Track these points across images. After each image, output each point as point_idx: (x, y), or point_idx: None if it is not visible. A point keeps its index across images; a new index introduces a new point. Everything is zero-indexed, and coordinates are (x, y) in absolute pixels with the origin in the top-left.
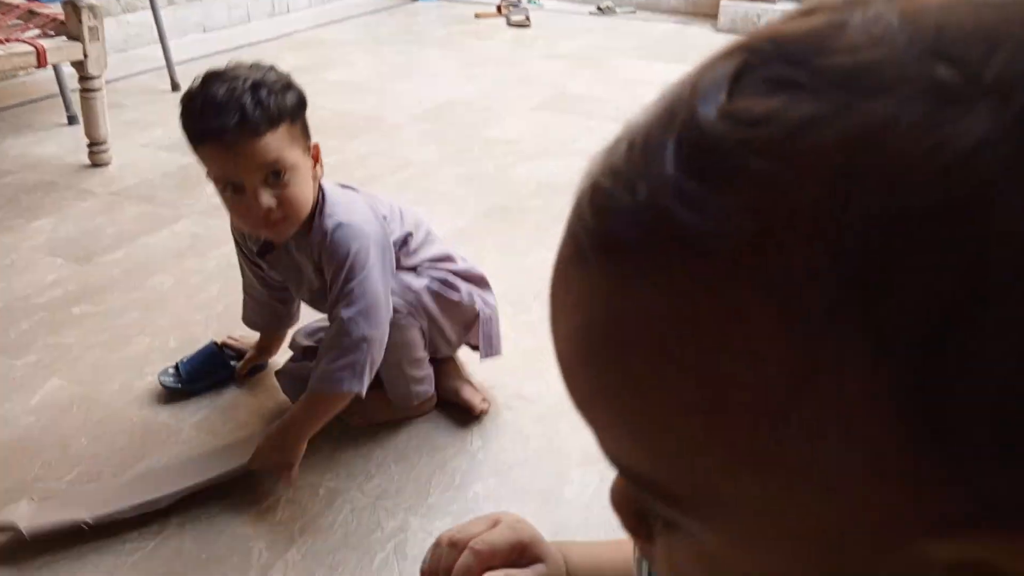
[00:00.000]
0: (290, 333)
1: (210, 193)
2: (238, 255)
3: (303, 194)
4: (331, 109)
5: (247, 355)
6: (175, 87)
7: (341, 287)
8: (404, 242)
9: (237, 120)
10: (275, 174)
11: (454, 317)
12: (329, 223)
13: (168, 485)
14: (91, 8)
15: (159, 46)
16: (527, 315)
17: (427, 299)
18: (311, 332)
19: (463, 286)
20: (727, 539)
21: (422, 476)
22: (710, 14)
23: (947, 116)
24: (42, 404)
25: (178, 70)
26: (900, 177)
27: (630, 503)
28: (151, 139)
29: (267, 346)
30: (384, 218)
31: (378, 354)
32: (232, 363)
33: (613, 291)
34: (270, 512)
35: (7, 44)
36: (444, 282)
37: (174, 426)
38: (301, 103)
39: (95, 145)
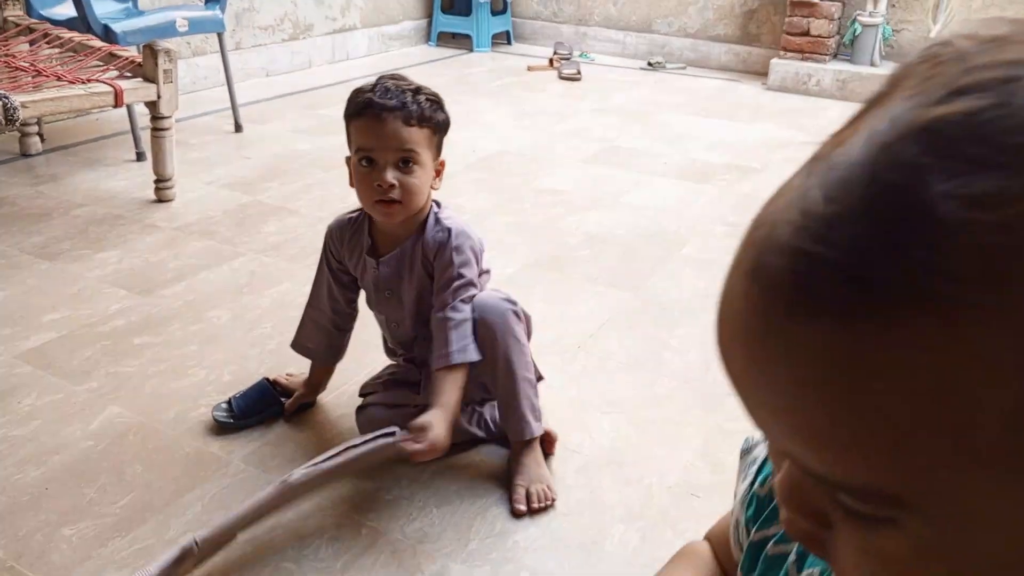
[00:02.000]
0: (343, 373)
1: (267, 232)
2: (321, 265)
3: (421, 188)
4: None
5: (296, 393)
6: (238, 128)
7: (457, 279)
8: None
9: (396, 105)
10: (405, 161)
11: None
12: (451, 224)
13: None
14: (167, 52)
15: (225, 88)
16: (572, 365)
17: None
18: (379, 376)
19: None
20: (955, 529)
21: (463, 521)
22: (760, 72)
23: None
24: (100, 430)
25: (241, 112)
26: None
27: (808, 502)
28: (214, 177)
29: (316, 384)
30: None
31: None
32: (282, 400)
33: (851, 344)
34: (313, 548)
35: (89, 84)
36: None
37: (224, 459)
38: (445, 123)
39: (161, 182)
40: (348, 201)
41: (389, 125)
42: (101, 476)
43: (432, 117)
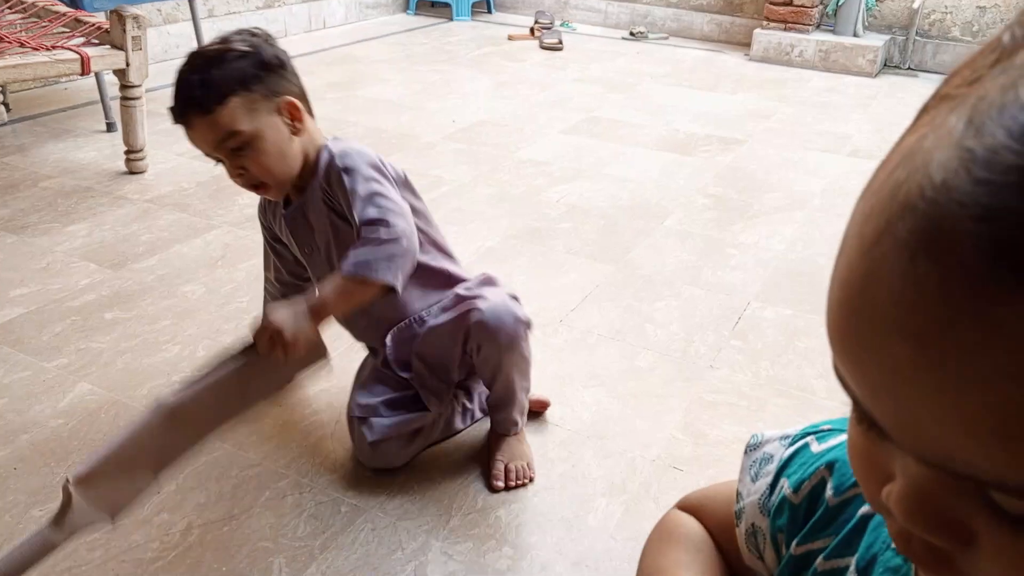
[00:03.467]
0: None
1: (242, 204)
2: (264, 237)
3: (276, 158)
4: (365, 125)
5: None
6: None
7: (362, 198)
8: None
9: (184, 104)
10: (237, 148)
11: None
12: (324, 156)
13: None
14: (136, 19)
15: None
16: (554, 338)
17: None
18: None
19: None
20: None
21: (444, 498)
22: (743, 42)
23: None
24: (71, 407)
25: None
26: None
27: (946, 514)
28: (186, 148)
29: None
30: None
31: (410, 261)
32: None
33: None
34: (291, 527)
35: (54, 51)
36: None
37: None
38: (260, 66)
39: (132, 153)
40: None
41: (196, 128)
42: (72, 455)
43: (230, 84)
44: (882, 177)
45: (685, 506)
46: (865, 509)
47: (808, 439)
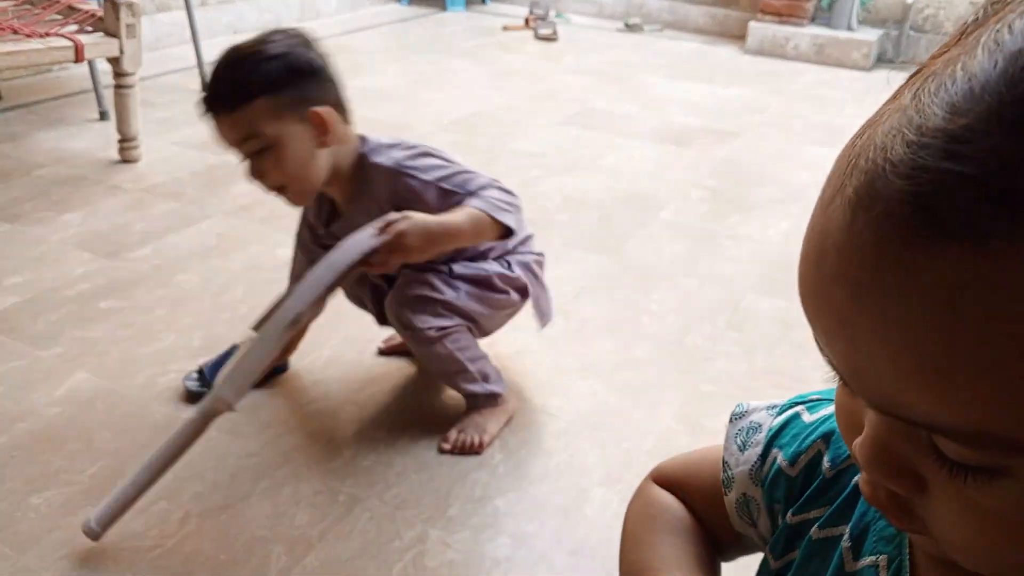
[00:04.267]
0: (317, 334)
1: (236, 194)
2: (298, 234)
3: (296, 167)
4: (359, 116)
5: None
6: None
7: (455, 183)
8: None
9: (212, 97)
10: (258, 152)
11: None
12: (384, 161)
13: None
14: (130, 6)
15: (191, 46)
16: (550, 330)
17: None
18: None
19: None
20: None
21: (442, 487)
22: (737, 35)
23: None
24: (67, 396)
25: (207, 70)
26: None
27: (900, 462)
28: (180, 138)
29: (290, 345)
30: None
31: (519, 218)
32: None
33: (988, 267)
34: (289, 516)
35: (47, 38)
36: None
37: None
38: (291, 71)
39: (126, 141)
40: None
41: (220, 119)
42: (68, 443)
43: (259, 84)
44: (847, 145)
45: (661, 479)
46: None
47: (798, 408)
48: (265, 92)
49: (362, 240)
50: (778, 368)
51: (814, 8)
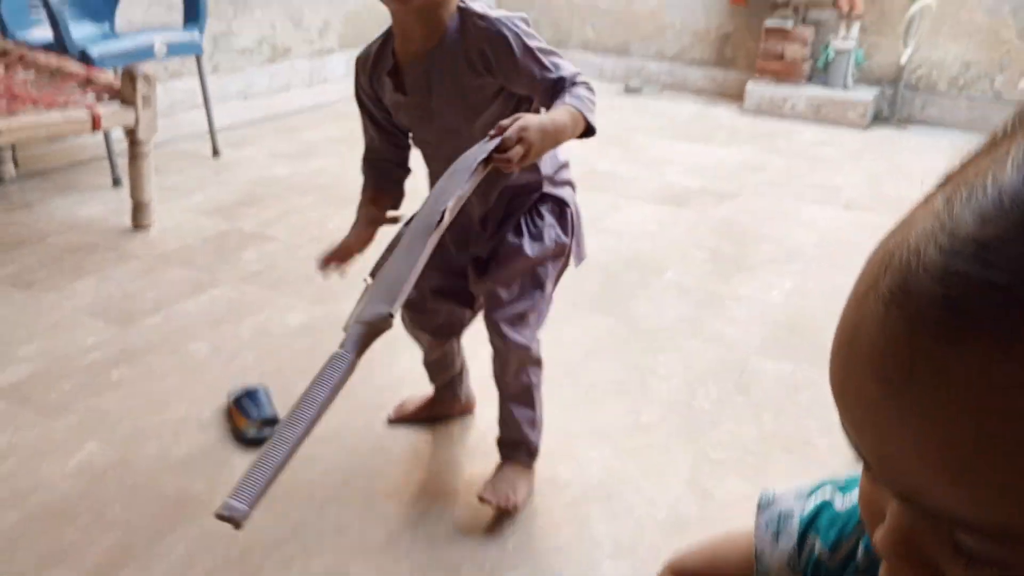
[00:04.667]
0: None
1: (246, 260)
2: (361, 108)
3: None
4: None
5: (337, 248)
6: (216, 153)
7: (544, 55)
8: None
9: None
10: None
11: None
12: (473, 19)
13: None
14: (146, 77)
15: (203, 111)
16: (558, 394)
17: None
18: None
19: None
20: None
21: (453, 562)
22: (736, 95)
23: None
24: (79, 468)
25: (219, 136)
26: None
27: (921, 552)
28: (192, 204)
29: (366, 228)
30: None
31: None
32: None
33: (1013, 366)
34: None
35: (66, 109)
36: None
37: (207, 499)
38: None
39: (139, 208)
40: (326, 226)
41: None
42: (80, 516)
43: None
44: (880, 244)
45: (681, 571)
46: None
47: (826, 492)
48: None
49: (483, 145)
50: (786, 432)
51: (810, 68)
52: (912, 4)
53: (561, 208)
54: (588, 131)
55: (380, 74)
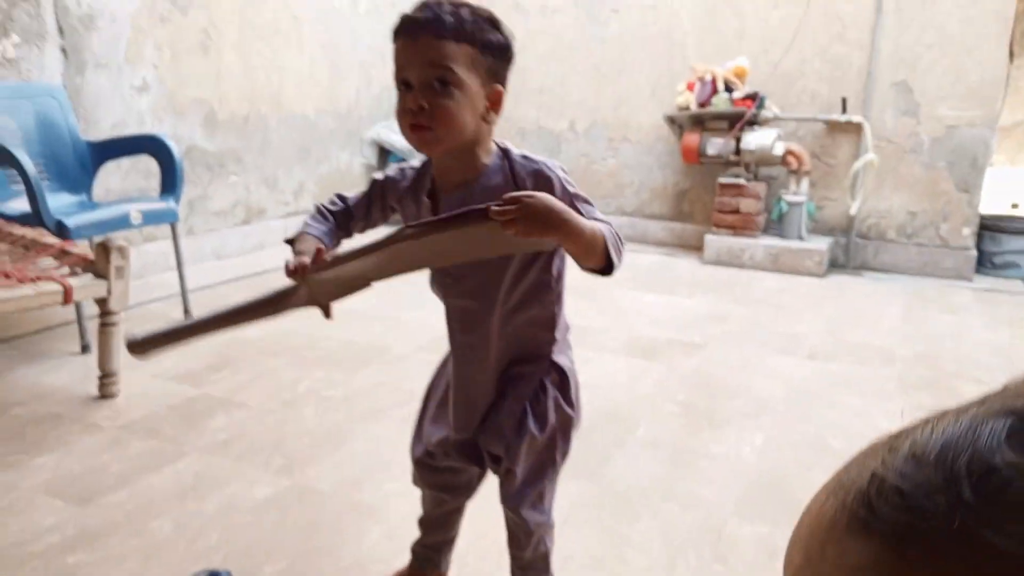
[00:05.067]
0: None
1: (214, 428)
2: (371, 189)
3: (460, 115)
4: (337, 339)
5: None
6: (187, 315)
7: (587, 205)
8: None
9: (429, 17)
10: (442, 81)
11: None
12: (519, 160)
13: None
14: (120, 249)
15: (175, 273)
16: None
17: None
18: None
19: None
20: None
21: None
22: (696, 246)
23: None
24: None
25: (191, 297)
26: None
27: None
28: (161, 370)
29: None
30: None
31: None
32: None
33: (904, 566)
34: None
35: (38, 283)
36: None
37: None
38: (497, 45)
39: (106, 377)
40: (297, 390)
41: (420, 41)
42: None
43: (474, 33)
44: (838, 472)
45: None
46: None
47: None
48: (475, 44)
49: (470, 220)
50: None
51: (765, 221)
52: (856, 160)
53: (563, 378)
54: (605, 268)
55: (417, 193)
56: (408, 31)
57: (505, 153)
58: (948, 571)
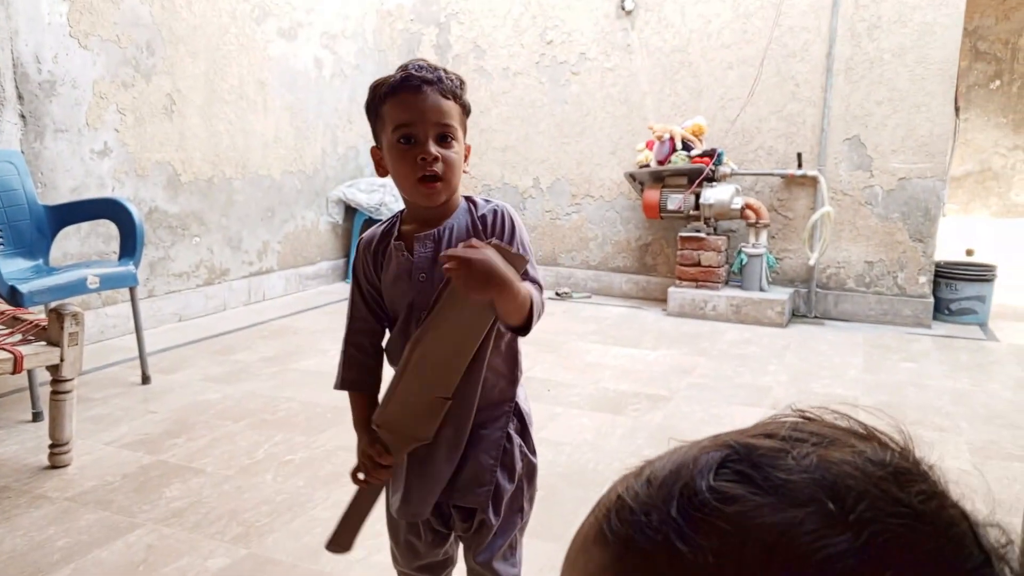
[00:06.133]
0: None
1: (169, 497)
2: (356, 284)
3: (459, 164)
4: (300, 400)
5: (371, 462)
6: (145, 380)
7: (531, 258)
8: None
9: (434, 78)
10: (444, 136)
11: None
12: (486, 204)
13: None
14: (74, 315)
15: (134, 336)
16: None
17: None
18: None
19: None
20: None
21: None
22: (660, 298)
23: (827, 533)
24: None
25: (151, 360)
26: (795, 560)
27: None
28: (115, 436)
29: (365, 419)
30: None
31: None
32: None
33: (623, 569)
34: None
35: None
36: None
37: None
38: (469, 109)
39: (56, 446)
40: (255, 455)
41: (429, 98)
42: None
43: (462, 95)
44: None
45: None
46: None
47: None
48: (460, 104)
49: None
50: None
51: (727, 272)
52: (812, 213)
53: (523, 424)
54: (521, 326)
55: (386, 247)
56: (413, 89)
57: (468, 199)
58: (657, 570)
